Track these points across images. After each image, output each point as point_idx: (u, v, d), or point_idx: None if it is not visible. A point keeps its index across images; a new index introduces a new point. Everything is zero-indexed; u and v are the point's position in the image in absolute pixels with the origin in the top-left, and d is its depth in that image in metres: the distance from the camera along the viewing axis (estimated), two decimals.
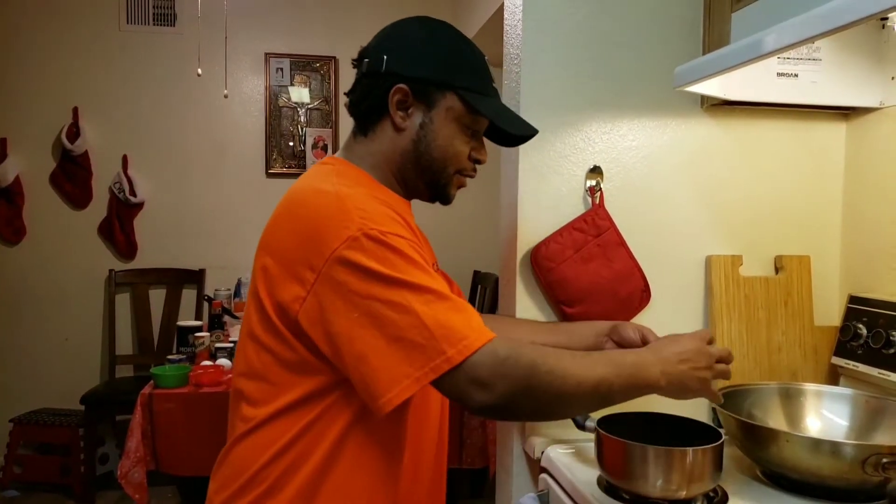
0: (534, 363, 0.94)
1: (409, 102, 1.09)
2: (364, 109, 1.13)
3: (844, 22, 0.90)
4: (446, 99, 1.10)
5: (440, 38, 1.12)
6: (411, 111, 1.10)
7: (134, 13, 3.95)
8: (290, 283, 0.99)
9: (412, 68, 1.09)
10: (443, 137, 1.11)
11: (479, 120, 1.13)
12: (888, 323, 1.35)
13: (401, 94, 1.09)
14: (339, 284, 0.95)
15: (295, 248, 1.00)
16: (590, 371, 0.98)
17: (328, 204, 0.99)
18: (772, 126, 1.54)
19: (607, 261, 1.46)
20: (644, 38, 1.49)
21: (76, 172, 3.89)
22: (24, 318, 3.92)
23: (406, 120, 1.10)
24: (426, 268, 0.98)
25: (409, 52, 1.10)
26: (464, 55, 1.12)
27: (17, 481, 3.58)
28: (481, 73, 1.13)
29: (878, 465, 1.03)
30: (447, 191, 1.16)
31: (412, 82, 1.08)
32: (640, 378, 1.03)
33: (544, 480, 1.33)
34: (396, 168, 1.13)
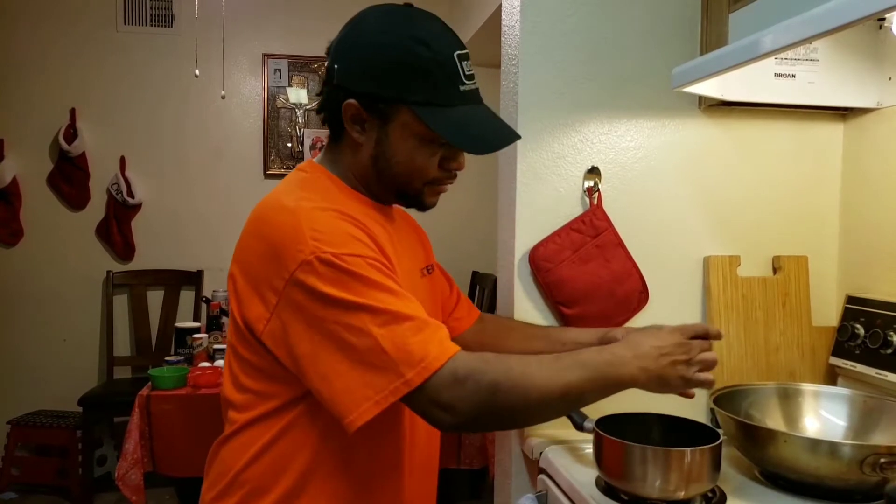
0: (496, 382, 0.92)
1: (363, 117, 1.03)
2: (327, 119, 1.09)
3: (842, 22, 0.90)
4: (400, 114, 1.02)
5: (391, 44, 1.01)
6: (367, 125, 1.04)
7: (131, 14, 3.94)
8: (254, 302, 0.99)
9: (360, 82, 1.02)
10: (402, 154, 1.05)
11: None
12: (886, 323, 1.35)
13: (353, 109, 1.03)
14: (299, 308, 0.94)
15: (257, 267, 0.99)
16: (557, 379, 0.96)
17: (285, 223, 0.97)
18: (769, 126, 1.54)
19: (605, 261, 1.46)
20: (642, 38, 1.49)
21: (73, 174, 3.88)
22: (22, 319, 3.91)
23: (362, 135, 1.05)
24: (387, 285, 0.95)
25: (357, 63, 1.02)
26: (418, 61, 0.99)
27: (14, 483, 3.57)
28: (439, 79, 1.00)
29: (875, 465, 1.03)
30: (420, 201, 1.12)
31: (361, 97, 1.02)
32: (615, 377, 1.01)
33: (543, 481, 1.33)
34: (363, 179, 1.10)
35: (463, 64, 1.03)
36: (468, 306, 1.42)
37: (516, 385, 0.93)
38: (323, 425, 1.02)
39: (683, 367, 1.05)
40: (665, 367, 1.04)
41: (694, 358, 1.06)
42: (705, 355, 1.07)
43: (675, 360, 1.05)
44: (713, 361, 1.08)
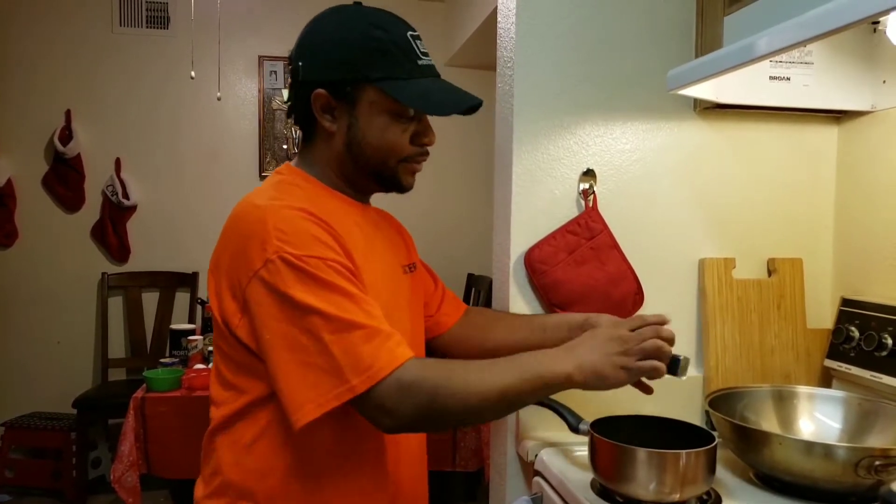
0: (436, 387, 0.97)
1: (333, 105, 1.09)
2: (298, 119, 1.14)
3: (836, 26, 0.90)
4: (367, 93, 1.07)
5: (349, 31, 1.07)
6: (336, 113, 1.09)
7: (127, 16, 3.94)
8: (228, 298, 1.04)
9: (325, 72, 1.07)
10: (373, 132, 1.09)
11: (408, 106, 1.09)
12: (880, 325, 1.36)
13: (322, 99, 1.08)
14: (259, 305, 0.99)
15: (230, 264, 1.03)
16: (494, 383, 0.99)
17: (254, 222, 1.01)
18: (764, 129, 1.54)
19: (600, 263, 1.46)
20: (637, 41, 1.49)
21: (69, 175, 3.88)
22: (17, 321, 3.90)
23: (334, 123, 1.10)
24: (344, 289, 0.98)
25: (320, 56, 1.08)
26: (376, 42, 1.06)
27: (8, 486, 3.56)
28: (398, 57, 1.07)
29: (870, 467, 1.04)
30: (397, 181, 1.16)
31: (328, 86, 1.07)
32: (550, 376, 1.02)
33: (538, 483, 1.33)
34: (339, 170, 1.14)
35: (417, 43, 1.10)
36: (455, 302, 1.44)
37: (456, 391, 0.97)
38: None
39: (620, 358, 1.04)
40: (599, 361, 1.04)
41: (632, 348, 1.05)
42: (646, 343, 1.05)
43: (609, 353, 1.04)
44: (654, 348, 1.05)
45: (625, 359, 1.05)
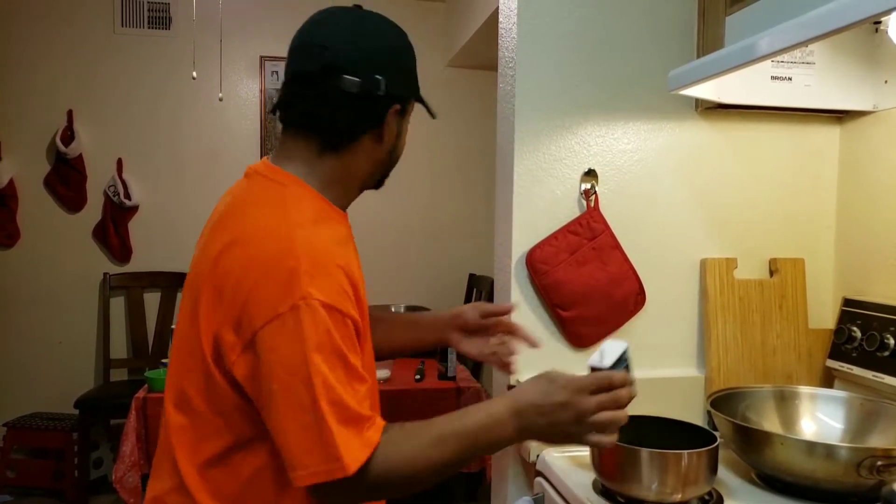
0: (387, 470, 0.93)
1: (399, 118, 1.09)
2: (345, 127, 1.05)
3: (838, 26, 0.90)
4: (411, 106, 1.12)
5: (408, 51, 1.11)
6: (396, 125, 1.09)
7: (128, 16, 3.94)
8: (229, 329, 0.95)
9: (406, 89, 1.09)
10: (402, 138, 1.13)
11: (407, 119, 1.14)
12: (882, 325, 1.36)
13: (395, 112, 1.07)
14: (273, 351, 0.91)
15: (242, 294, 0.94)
16: (437, 458, 0.96)
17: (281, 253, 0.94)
18: (766, 129, 1.54)
19: (602, 264, 1.46)
20: (638, 41, 1.49)
21: (70, 175, 3.88)
22: (18, 321, 3.90)
23: (387, 133, 1.08)
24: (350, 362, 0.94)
25: (402, 73, 1.08)
26: (412, 61, 1.11)
27: (10, 486, 3.56)
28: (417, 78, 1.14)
29: (872, 467, 1.04)
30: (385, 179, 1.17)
31: (405, 101, 1.09)
32: (494, 441, 0.98)
33: (540, 484, 1.33)
34: (367, 178, 1.12)
35: None
36: None
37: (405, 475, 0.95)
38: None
39: (572, 426, 0.97)
40: (544, 428, 0.98)
41: (586, 421, 0.96)
42: (602, 416, 0.96)
43: (555, 421, 0.97)
44: (611, 422, 0.97)
45: (574, 429, 0.97)
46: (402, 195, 4.23)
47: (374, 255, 4.25)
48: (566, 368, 1.47)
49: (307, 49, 1.05)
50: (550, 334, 1.49)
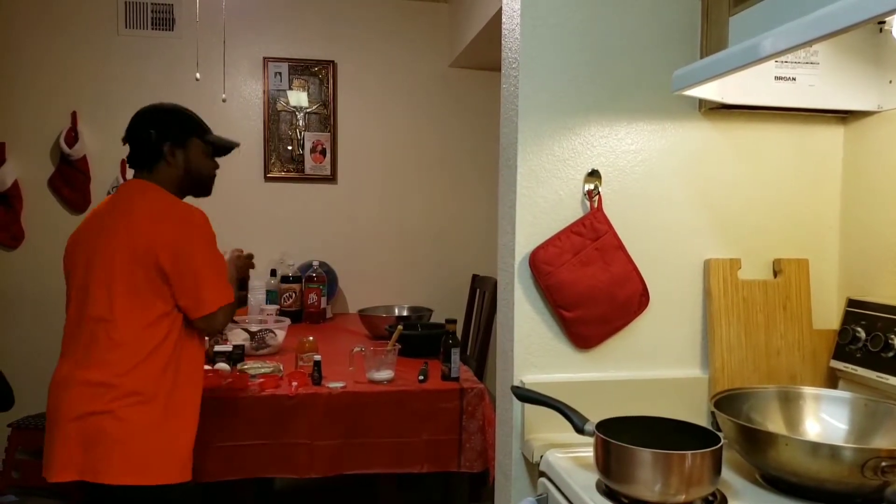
0: (234, 308, 2.02)
1: (174, 150, 2.01)
2: (142, 159, 2.01)
3: (842, 26, 0.90)
4: (193, 141, 2.05)
5: (179, 111, 2.11)
6: (177, 154, 2.02)
7: (132, 18, 3.95)
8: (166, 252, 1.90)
9: (166, 132, 2.01)
10: (197, 163, 2.07)
11: (211, 148, 2.12)
12: (887, 326, 1.35)
13: (168, 146, 2.00)
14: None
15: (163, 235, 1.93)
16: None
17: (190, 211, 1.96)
18: (770, 130, 1.54)
19: (605, 264, 1.46)
20: (642, 42, 1.49)
21: (75, 177, 3.89)
22: (23, 322, 3.91)
23: (175, 159, 2.02)
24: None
25: (165, 123, 2.04)
26: (186, 115, 2.12)
27: (15, 486, 3.57)
28: (200, 123, 2.12)
29: (877, 468, 1.03)
30: (207, 189, 2.14)
31: (171, 139, 2.01)
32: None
33: (543, 485, 1.33)
34: (176, 184, 2.02)
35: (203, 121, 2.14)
36: None
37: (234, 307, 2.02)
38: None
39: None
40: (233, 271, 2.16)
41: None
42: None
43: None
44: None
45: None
46: (405, 196, 4.23)
47: (378, 256, 4.26)
48: (570, 370, 1.49)
49: (136, 124, 2.05)
50: (554, 335, 1.49)
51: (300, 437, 2.36)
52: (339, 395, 2.41)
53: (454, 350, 2.56)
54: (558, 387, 1.41)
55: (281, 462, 2.37)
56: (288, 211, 4.13)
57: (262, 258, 4.09)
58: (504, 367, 1.57)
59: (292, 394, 2.36)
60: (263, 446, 2.34)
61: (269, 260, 4.01)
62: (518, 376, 1.48)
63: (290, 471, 2.38)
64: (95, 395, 1.81)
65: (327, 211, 4.19)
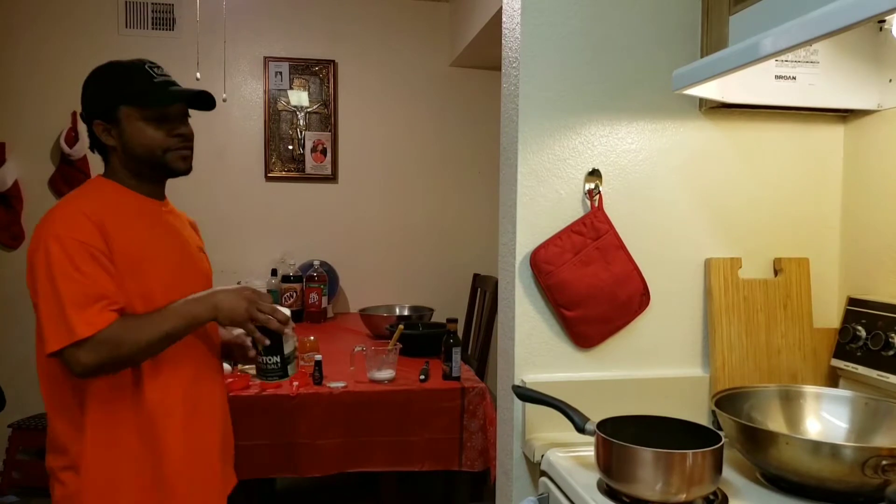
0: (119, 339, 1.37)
1: (107, 127, 1.49)
2: (93, 147, 1.55)
3: (842, 25, 0.90)
4: (122, 111, 1.47)
5: (96, 76, 1.52)
6: (113, 132, 1.49)
7: (133, 17, 3.95)
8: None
9: (91, 108, 1.51)
10: (136, 136, 1.48)
11: (156, 110, 1.49)
12: (887, 325, 1.35)
13: (99, 127, 1.49)
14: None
15: None
16: (156, 330, 1.40)
17: (50, 213, 1.52)
18: (770, 128, 1.54)
19: (606, 264, 1.46)
20: (642, 41, 1.49)
21: (75, 177, 3.89)
22: (24, 322, 3.90)
23: (112, 140, 1.50)
24: (83, 266, 1.44)
25: (87, 97, 1.52)
26: (116, 73, 1.51)
27: (15, 487, 3.57)
28: (135, 79, 1.49)
29: (877, 467, 1.04)
30: (168, 166, 1.54)
31: (100, 116, 1.49)
32: (197, 318, 1.44)
33: (544, 484, 1.33)
34: (129, 171, 1.53)
35: (153, 70, 1.52)
36: None
37: (132, 341, 1.38)
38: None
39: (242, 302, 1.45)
40: (226, 300, 1.45)
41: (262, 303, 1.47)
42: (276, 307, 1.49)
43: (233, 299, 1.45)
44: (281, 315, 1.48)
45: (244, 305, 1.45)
46: (406, 195, 4.23)
47: (379, 256, 4.26)
48: (571, 369, 1.49)
49: None
50: (555, 334, 1.49)
51: (301, 436, 2.37)
52: (341, 395, 2.41)
53: (455, 349, 2.57)
54: (559, 386, 1.41)
55: (282, 462, 2.37)
56: (289, 210, 4.13)
57: (262, 258, 4.09)
58: (505, 366, 1.57)
59: (293, 394, 2.37)
60: (265, 446, 2.35)
61: (270, 259, 4.01)
62: (519, 375, 1.48)
63: (291, 470, 2.39)
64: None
65: (328, 210, 4.19)
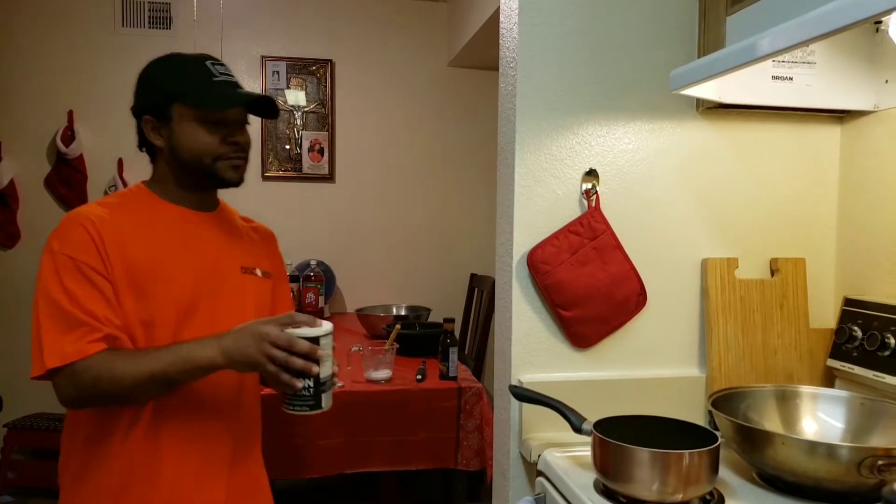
0: (97, 377, 1.19)
1: (157, 125, 1.34)
2: (141, 146, 1.40)
3: (839, 25, 0.90)
4: (176, 109, 1.33)
5: (154, 68, 1.39)
6: (162, 131, 1.34)
7: (129, 16, 3.94)
8: None
9: (143, 101, 1.36)
10: (186, 138, 1.33)
11: (213, 112, 1.32)
12: (883, 325, 1.36)
13: (149, 123, 1.35)
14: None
15: None
16: (144, 368, 1.19)
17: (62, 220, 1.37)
18: (767, 129, 1.54)
19: (603, 264, 1.46)
20: (640, 41, 1.49)
21: (71, 176, 3.88)
22: (19, 322, 3.90)
23: (161, 139, 1.35)
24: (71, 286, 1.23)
25: (141, 91, 1.38)
26: (174, 68, 1.37)
27: (11, 487, 3.56)
28: (194, 76, 1.34)
29: (873, 467, 1.04)
30: (217, 175, 1.37)
31: (149, 111, 1.34)
32: (194, 360, 1.20)
33: (541, 484, 1.33)
34: (174, 178, 1.38)
35: (215, 67, 1.36)
36: None
37: (113, 378, 1.19)
38: None
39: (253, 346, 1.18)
40: (237, 346, 1.19)
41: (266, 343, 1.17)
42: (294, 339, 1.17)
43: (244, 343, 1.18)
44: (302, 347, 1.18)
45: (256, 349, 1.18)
46: (403, 195, 4.23)
47: (376, 255, 4.26)
48: (568, 369, 1.49)
49: None
50: (552, 334, 1.49)
51: (299, 437, 2.36)
52: (338, 395, 2.40)
53: (452, 349, 2.57)
54: (556, 386, 1.42)
55: (281, 463, 2.37)
56: (285, 210, 4.13)
57: None
58: (502, 366, 1.57)
59: None
60: (263, 448, 2.34)
61: None
62: (516, 375, 1.48)
63: (290, 471, 2.38)
64: None
65: (325, 210, 4.19)
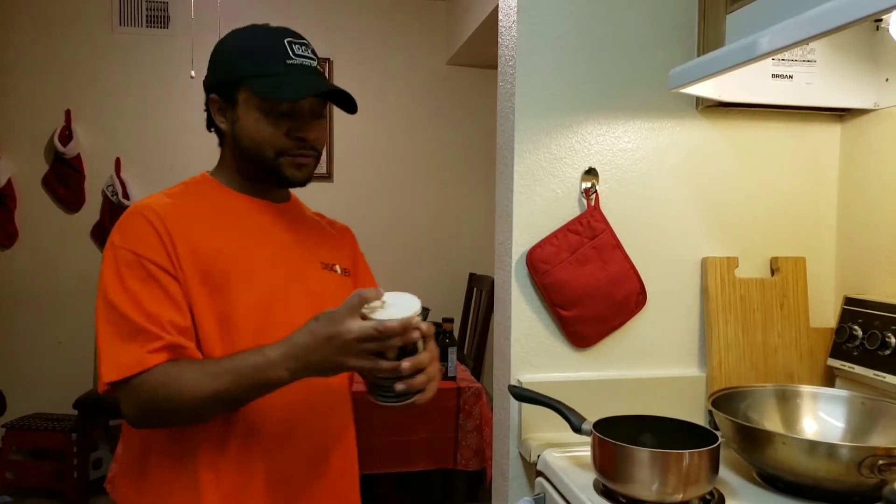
0: (154, 390, 1.05)
1: (223, 107, 1.20)
2: (209, 126, 1.26)
3: (838, 24, 0.90)
4: (242, 93, 1.17)
5: (227, 40, 1.23)
6: (227, 114, 1.20)
7: (127, 15, 3.93)
8: None
9: (213, 78, 1.21)
10: (249, 127, 1.18)
11: (279, 102, 1.16)
12: (883, 324, 1.35)
13: (215, 103, 1.21)
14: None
15: None
16: (207, 387, 1.04)
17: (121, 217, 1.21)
18: (767, 127, 1.54)
19: (603, 263, 1.45)
20: (639, 39, 1.49)
21: (69, 175, 3.87)
22: (17, 322, 3.90)
23: (225, 123, 1.21)
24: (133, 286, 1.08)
25: (211, 67, 1.22)
26: (246, 44, 1.20)
27: (9, 487, 3.56)
28: (267, 56, 1.17)
29: (874, 466, 1.03)
30: (279, 172, 1.20)
31: (217, 90, 1.20)
32: (263, 380, 1.05)
33: (540, 484, 1.32)
34: (237, 166, 1.23)
35: (294, 46, 1.20)
36: None
37: (171, 396, 1.05)
38: None
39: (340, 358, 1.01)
40: (319, 363, 1.03)
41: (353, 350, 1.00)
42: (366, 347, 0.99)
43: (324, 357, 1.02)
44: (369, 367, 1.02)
45: (344, 359, 1.01)
46: (401, 194, 4.22)
47: (374, 255, 4.23)
48: (567, 369, 1.48)
49: None
50: (551, 334, 1.48)
51: None
52: None
53: (451, 349, 2.56)
54: (555, 386, 1.41)
55: None
56: None
57: None
58: (501, 366, 1.56)
59: None
60: None
61: None
62: (515, 375, 1.48)
63: None
64: None
65: (323, 209, 4.14)
